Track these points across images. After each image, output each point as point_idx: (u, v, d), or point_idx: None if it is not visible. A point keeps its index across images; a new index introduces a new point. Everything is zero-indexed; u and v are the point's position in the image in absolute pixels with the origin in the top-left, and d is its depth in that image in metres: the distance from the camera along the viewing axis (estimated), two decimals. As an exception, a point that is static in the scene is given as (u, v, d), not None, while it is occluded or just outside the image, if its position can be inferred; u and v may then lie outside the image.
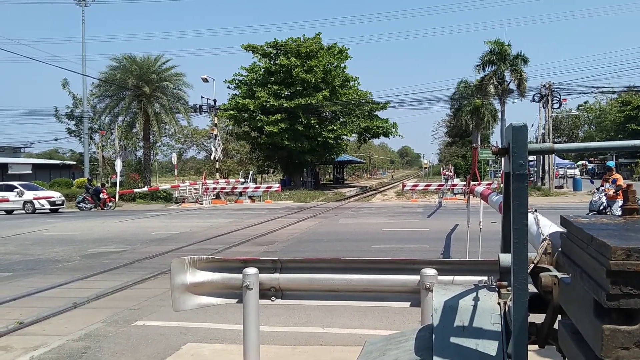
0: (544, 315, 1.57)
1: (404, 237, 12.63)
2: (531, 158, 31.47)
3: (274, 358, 4.62)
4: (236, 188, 30.81)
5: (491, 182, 26.80)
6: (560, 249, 1.55)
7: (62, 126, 41.45)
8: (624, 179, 14.55)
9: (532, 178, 33.20)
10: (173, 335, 5.43)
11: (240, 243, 12.25)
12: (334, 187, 45.65)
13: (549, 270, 1.58)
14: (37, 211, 24.79)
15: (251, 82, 37.28)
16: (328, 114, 37.39)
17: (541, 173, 33.31)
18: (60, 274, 9.01)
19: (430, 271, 3.35)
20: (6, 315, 6.32)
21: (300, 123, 34.65)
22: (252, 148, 43.11)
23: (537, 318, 1.59)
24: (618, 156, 43.36)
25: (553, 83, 30.05)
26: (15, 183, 26.85)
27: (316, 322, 5.77)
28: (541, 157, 32.21)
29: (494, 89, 37.52)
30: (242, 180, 34.29)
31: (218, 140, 33.89)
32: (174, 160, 37.33)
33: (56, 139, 56.51)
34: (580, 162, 55.38)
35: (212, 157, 34.54)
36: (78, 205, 26.51)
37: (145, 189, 31.85)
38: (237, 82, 38.10)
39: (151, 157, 41.67)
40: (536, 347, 1.66)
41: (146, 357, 4.81)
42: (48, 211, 25.09)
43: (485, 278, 2.06)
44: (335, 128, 36.84)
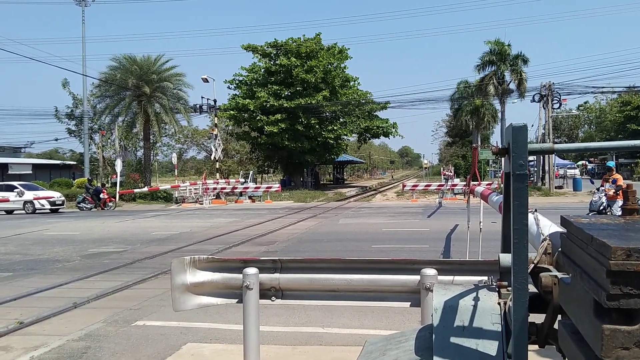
0: (544, 315, 1.57)
1: (404, 237, 12.63)
2: (531, 158, 31.47)
3: (274, 358, 4.62)
4: (236, 188, 30.81)
5: (491, 182, 26.80)
6: (560, 249, 1.55)
7: (62, 126, 41.50)
8: (624, 179, 14.55)
9: (532, 178, 33.18)
10: (173, 335, 5.43)
11: (240, 243, 12.25)
12: (334, 187, 45.64)
13: (549, 270, 1.58)
14: (37, 211, 24.80)
15: (251, 82, 37.28)
16: (328, 114, 37.39)
17: (541, 173, 33.30)
18: (60, 274, 9.01)
19: (430, 271, 3.35)
20: (6, 315, 6.32)
21: (300, 123, 34.64)
22: (252, 148, 43.10)
23: (537, 318, 1.59)
24: (618, 156, 43.37)
25: (553, 83, 30.05)
26: (15, 183, 26.86)
27: (316, 322, 5.77)
28: (541, 157, 32.21)
29: (494, 89, 37.50)
30: (242, 180, 34.24)
31: (218, 140, 33.91)
32: (174, 160, 37.33)
33: (56, 139, 56.56)
34: (580, 162, 55.41)
35: (212, 157, 34.55)
36: (78, 205, 26.52)
37: (145, 189, 31.85)
38: (237, 82, 38.11)
39: (151, 157, 41.66)
40: (536, 347, 1.66)
41: (146, 357, 4.81)
42: (48, 211, 25.09)
43: (485, 278, 2.06)
44: (335, 128, 36.83)
